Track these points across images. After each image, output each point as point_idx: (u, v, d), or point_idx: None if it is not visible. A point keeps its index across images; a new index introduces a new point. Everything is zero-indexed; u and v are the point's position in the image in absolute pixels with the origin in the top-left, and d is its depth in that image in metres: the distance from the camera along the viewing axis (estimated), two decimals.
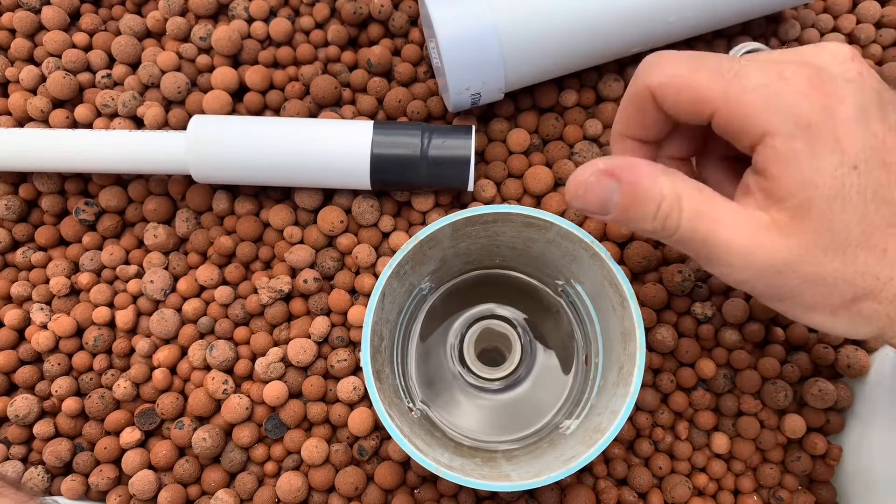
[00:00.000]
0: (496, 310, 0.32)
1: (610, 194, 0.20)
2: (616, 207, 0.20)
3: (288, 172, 0.32)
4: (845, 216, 0.19)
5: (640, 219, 0.20)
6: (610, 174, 0.20)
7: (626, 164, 0.20)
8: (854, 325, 0.21)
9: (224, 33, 0.35)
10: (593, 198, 0.20)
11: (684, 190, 0.20)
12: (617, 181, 0.20)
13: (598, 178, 0.20)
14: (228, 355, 0.32)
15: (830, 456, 0.32)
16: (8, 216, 0.34)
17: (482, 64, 0.30)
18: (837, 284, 0.20)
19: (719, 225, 0.20)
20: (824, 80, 0.19)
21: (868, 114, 0.19)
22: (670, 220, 0.20)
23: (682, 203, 0.20)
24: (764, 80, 0.19)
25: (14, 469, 0.32)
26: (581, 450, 0.25)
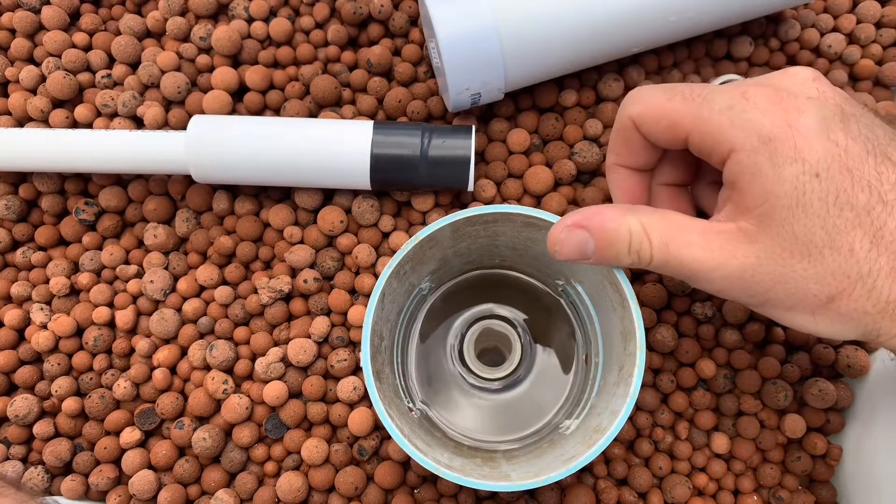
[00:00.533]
0: (496, 310, 0.32)
1: (584, 243, 0.23)
2: (592, 252, 0.23)
3: (288, 172, 0.32)
4: (808, 220, 0.20)
5: (616, 257, 0.22)
6: (578, 225, 0.23)
7: (591, 212, 0.23)
8: (835, 324, 0.22)
9: (224, 33, 0.35)
10: (570, 249, 0.23)
11: (650, 223, 0.22)
12: (587, 230, 0.22)
13: (569, 232, 0.23)
14: (228, 355, 0.32)
15: (830, 456, 0.32)
16: (8, 216, 0.34)
17: (482, 64, 0.30)
18: (809, 284, 0.21)
19: (689, 246, 0.21)
20: (784, 98, 0.21)
21: (829, 125, 0.21)
22: (643, 253, 0.22)
23: (650, 236, 0.22)
24: (728, 102, 0.21)
25: (14, 469, 0.32)
26: (581, 450, 0.25)
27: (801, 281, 0.21)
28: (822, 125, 0.20)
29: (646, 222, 0.22)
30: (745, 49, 0.35)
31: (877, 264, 0.20)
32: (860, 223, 0.20)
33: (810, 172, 0.20)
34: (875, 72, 0.36)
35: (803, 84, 0.22)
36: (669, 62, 0.36)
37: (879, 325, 0.21)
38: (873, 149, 0.21)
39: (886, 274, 0.20)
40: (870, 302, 0.21)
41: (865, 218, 0.20)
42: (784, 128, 0.20)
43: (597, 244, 0.22)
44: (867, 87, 0.36)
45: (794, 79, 0.22)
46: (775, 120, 0.21)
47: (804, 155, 0.20)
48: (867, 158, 0.20)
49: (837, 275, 0.21)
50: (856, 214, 0.20)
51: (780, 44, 0.36)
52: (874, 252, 0.20)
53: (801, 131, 0.20)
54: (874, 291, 0.21)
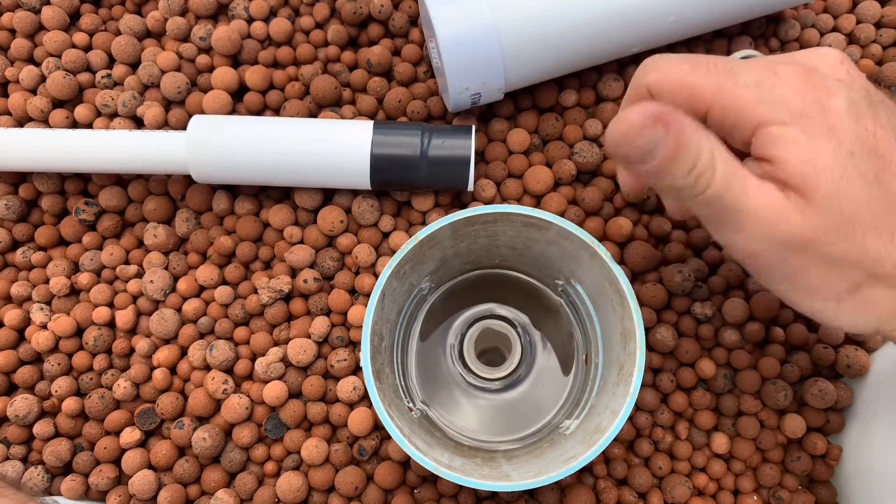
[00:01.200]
0: (496, 310, 0.32)
1: (657, 142, 0.19)
2: (659, 157, 0.19)
3: (288, 172, 0.32)
4: (853, 196, 0.19)
5: (676, 173, 0.19)
6: (661, 120, 0.19)
7: (671, 111, 0.19)
8: (857, 313, 0.21)
9: (224, 33, 0.35)
10: (641, 143, 0.19)
11: (719, 150, 0.20)
12: (665, 129, 0.19)
13: (652, 123, 0.19)
14: (228, 355, 0.32)
15: (830, 456, 0.32)
16: (8, 216, 0.34)
17: (482, 64, 0.30)
18: (845, 267, 0.20)
19: (746, 192, 0.20)
20: (814, 77, 0.20)
21: (858, 110, 0.20)
22: (703, 179, 0.19)
23: (716, 163, 0.19)
24: (757, 77, 0.20)
25: (14, 469, 0.32)
26: (581, 450, 0.25)
27: (839, 262, 0.20)
28: (851, 109, 0.20)
29: (716, 148, 0.20)
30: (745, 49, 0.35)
31: None
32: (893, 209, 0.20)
33: (846, 150, 0.19)
34: (875, 72, 0.36)
35: (832, 65, 0.21)
36: None
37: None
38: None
39: None
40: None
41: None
42: (815, 106, 0.19)
43: (669, 151, 0.19)
44: None
45: (824, 59, 0.21)
46: (806, 98, 0.20)
47: (838, 133, 0.19)
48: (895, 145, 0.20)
49: (875, 260, 0.20)
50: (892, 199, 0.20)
51: (780, 44, 0.36)
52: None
53: (833, 112, 0.19)
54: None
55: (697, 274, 0.33)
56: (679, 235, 0.33)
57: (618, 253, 0.33)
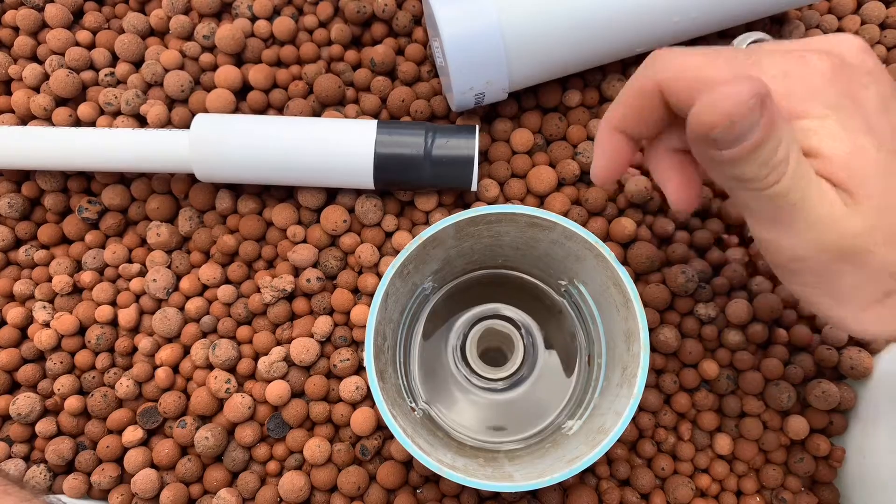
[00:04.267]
0: (499, 310, 0.32)
1: (753, 125, 0.17)
2: (748, 143, 0.17)
3: (291, 171, 0.32)
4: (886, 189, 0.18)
5: (755, 162, 0.18)
6: (763, 103, 0.17)
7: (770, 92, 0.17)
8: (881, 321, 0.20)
9: (227, 32, 0.35)
10: (744, 124, 0.17)
11: (795, 145, 0.18)
12: (762, 112, 0.17)
13: (757, 105, 0.17)
14: (231, 354, 0.32)
15: (833, 457, 0.32)
16: (11, 214, 0.34)
17: (486, 64, 0.30)
18: (882, 276, 0.19)
19: (815, 193, 0.18)
20: (846, 69, 0.19)
21: (888, 104, 0.19)
22: (776, 172, 0.18)
23: (790, 157, 0.18)
24: (785, 68, 0.19)
25: (16, 467, 0.32)
26: (584, 450, 0.25)
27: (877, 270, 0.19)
28: (881, 104, 0.19)
29: (793, 143, 0.18)
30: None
31: None
32: None
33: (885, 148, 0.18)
34: None
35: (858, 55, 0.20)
36: None
37: None
38: None
39: None
40: None
41: None
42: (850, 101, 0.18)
43: (758, 136, 0.17)
44: None
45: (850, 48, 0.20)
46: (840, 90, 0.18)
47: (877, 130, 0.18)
48: None
49: None
50: None
51: None
52: None
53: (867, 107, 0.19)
54: None
55: (701, 275, 0.33)
56: (682, 236, 0.33)
57: (621, 253, 0.33)
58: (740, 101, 0.16)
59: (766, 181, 0.18)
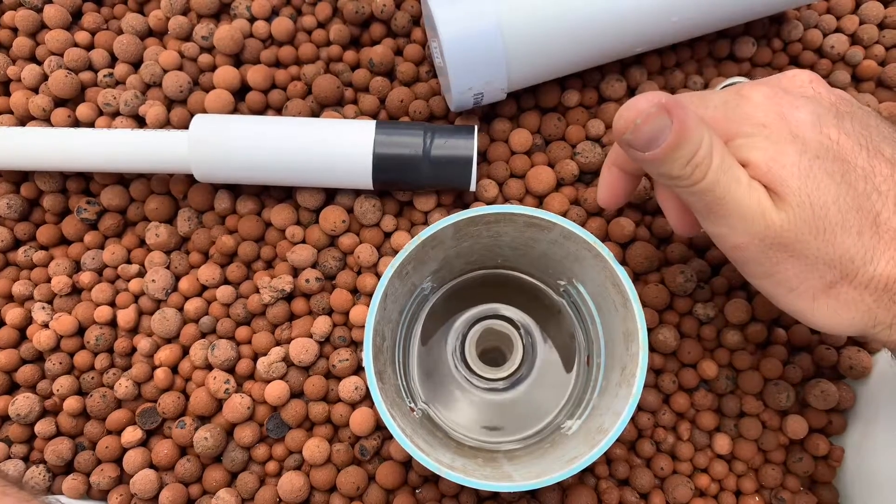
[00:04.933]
0: (498, 310, 0.32)
1: (662, 130, 0.20)
2: (663, 145, 0.20)
3: (290, 172, 0.32)
4: (820, 194, 0.21)
5: (676, 162, 0.21)
6: (668, 110, 0.20)
7: (679, 104, 0.20)
8: (833, 312, 0.22)
9: (226, 32, 0.35)
10: (647, 131, 0.20)
11: (717, 144, 0.21)
12: (670, 118, 0.20)
13: (658, 111, 0.20)
14: (230, 355, 0.32)
15: (832, 457, 0.32)
16: (10, 215, 0.34)
17: (485, 64, 0.30)
18: (818, 265, 0.21)
19: (738, 186, 0.21)
20: (780, 94, 0.22)
21: (822, 120, 0.21)
22: (700, 170, 0.21)
23: (713, 154, 0.21)
24: (723, 99, 0.22)
25: (15, 468, 0.32)
26: (583, 450, 0.25)
27: (812, 259, 0.21)
28: (814, 120, 0.21)
29: (714, 142, 0.21)
30: (747, 49, 0.35)
31: (877, 251, 0.21)
32: (861, 207, 0.21)
33: (811, 154, 0.21)
34: (878, 73, 0.36)
35: (801, 85, 0.23)
36: (672, 62, 0.36)
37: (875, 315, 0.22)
38: (866, 143, 0.21)
39: (886, 261, 0.21)
40: (868, 290, 0.21)
41: (865, 202, 0.21)
42: (777, 118, 0.21)
43: (672, 140, 0.20)
44: (870, 88, 0.36)
45: (793, 80, 0.23)
46: (768, 112, 0.21)
47: (802, 139, 0.21)
48: (860, 152, 0.21)
49: (845, 258, 0.21)
50: (857, 198, 0.21)
51: (783, 44, 0.36)
52: (875, 238, 0.21)
53: (794, 123, 0.21)
54: (874, 279, 0.21)
55: (699, 275, 0.33)
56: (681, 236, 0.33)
57: (620, 253, 0.33)
58: (641, 109, 0.20)
59: (692, 178, 0.21)
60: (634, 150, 0.21)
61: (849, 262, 0.21)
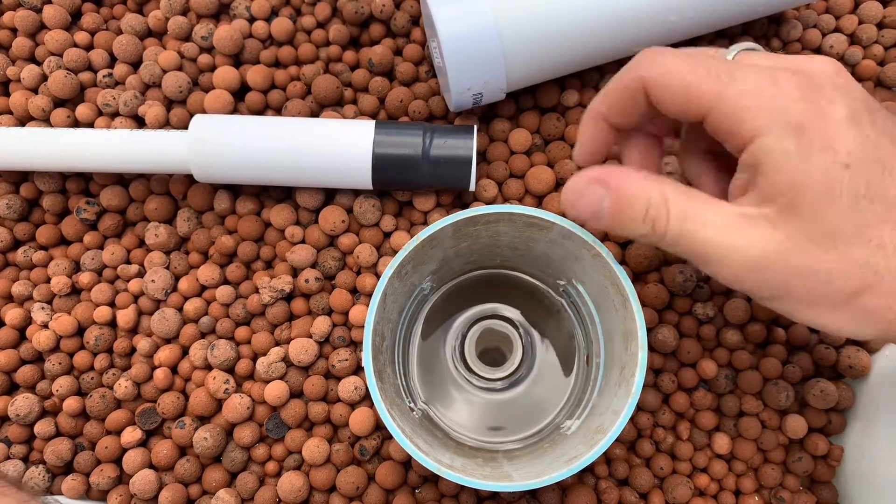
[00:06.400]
0: (497, 310, 0.32)
1: (600, 201, 0.21)
2: (606, 213, 0.21)
3: (289, 172, 0.32)
4: (836, 212, 0.20)
5: (629, 224, 0.21)
6: (599, 181, 0.21)
7: (614, 171, 0.21)
8: (856, 322, 0.21)
9: (226, 32, 0.35)
10: (585, 205, 0.22)
11: (671, 194, 0.21)
12: (606, 187, 0.21)
13: (587, 186, 0.22)
14: (229, 355, 0.32)
15: (832, 456, 0.32)
16: (9, 215, 0.34)
17: (484, 64, 0.30)
18: (833, 278, 0.20)
19: (708, 225, 0.20)
20: (815, 86, 0.20)
21: (859, 117, 0.20)
22: (658, 224, 0.21)
23: (668, 206, 0.21)
24: (757, 85, 0.20)
25: (15, 468, 0.32)
26: (582, 450, 0.25)
27: (825, 274, 0.20)
28: (851, 116, 0.20)
29: (667, 192, 0.21)
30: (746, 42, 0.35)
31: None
32: (890, 217, 0.20)
33: (841, 163, 0.19)
34: (877, 72, 0.36)
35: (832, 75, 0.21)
36: None
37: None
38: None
39: None
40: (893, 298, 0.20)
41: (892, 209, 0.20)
42: (815, 116, 0.20)
43: (612, 206, 0.21)
44: (869, 88, 0.36)
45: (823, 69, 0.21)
46: (805, 108, 0.20)
47: (835, 145, 0.19)
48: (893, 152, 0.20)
49: (865, 269, 0.20)
50: (885, 208, 0.20)
51: (782, 44, 0.36)
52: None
53: (832, 121, 0.20)
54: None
55: (699, 274, 0.33)
56: None
57: (619, 253, 0.33)
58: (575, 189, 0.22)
59: (654, 235, 0.21)
60: (587, 222, 0.22)
61: (870, 273, 0.20)
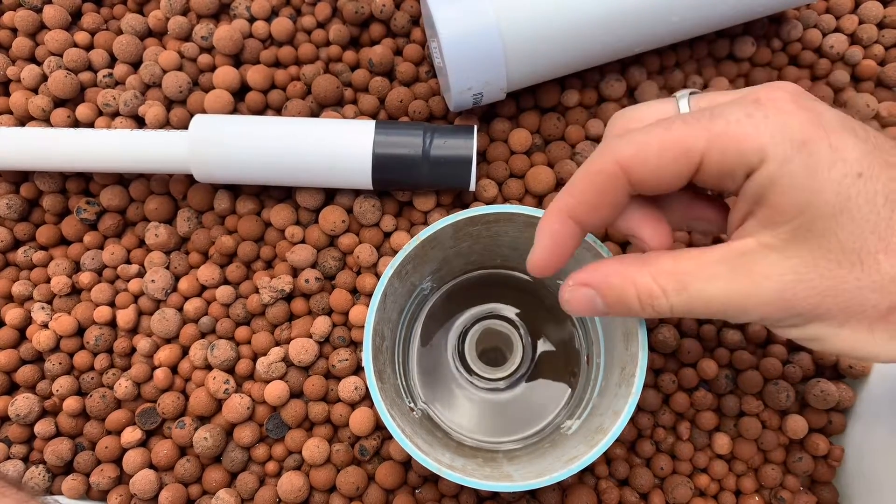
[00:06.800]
0: (497, 310, 0.32)
1: (592, 300, 0.22)
2: (604, 308, 0.21)
3: (289, 172, 0.32)
4: (855, 226, 0.18)
5: (631, 311, 0.21)
6: (582, 284, 0.22)
7: (593, 269, 0.22)
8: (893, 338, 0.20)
9: (226, 32, 0.35)
10: (580, 306, 0.22)
11: (660, 270, 0.20)
12: (591, 288, 0.21)
13: (574, 291, 0.22)
14: (230, 355, 0.32)
15: (832, 457, 0.32)
16: (9, 215, 0.34)
17: (484, 63, 0.30)
18: (865, 294, 0.19)
19: (712, 280, 0.20)
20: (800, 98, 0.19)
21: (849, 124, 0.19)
22: (658, 303, 0.20)
23: (662, 284, 0.20)
24: (744, 110, 0.19)
25: (15, 468, 0.32)
26: (583, 450, 0.25)
27: (855, 291, 0.19)
28: (843, 123, 0.19)
29: (655, 272, 0.20)
30: (747, 49, 0.35)
31: None
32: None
33: (853, 173, 0.18)
34: (877, 72, 0.36)
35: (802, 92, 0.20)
36: (672, 62, 0.36)
37: None
38: None
39: None
40: None
41: None
42: (815, 128, 0.18)
43: (605, 301, 0.21)
44: (869, 88, 0.36)
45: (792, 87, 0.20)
46: (803, 120, 0.18)
47: (843, 154, 0.18)
48: None
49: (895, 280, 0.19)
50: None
51: (783, 44, 0.36)
52: None
53: (832, 130, 0.18)
54: None
55: None
56: (682, 236, 0.33)
57: (619, 253, 0.33)
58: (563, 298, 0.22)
59: (662, 314, 0.21)
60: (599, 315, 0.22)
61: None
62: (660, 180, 0.20)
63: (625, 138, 0.20)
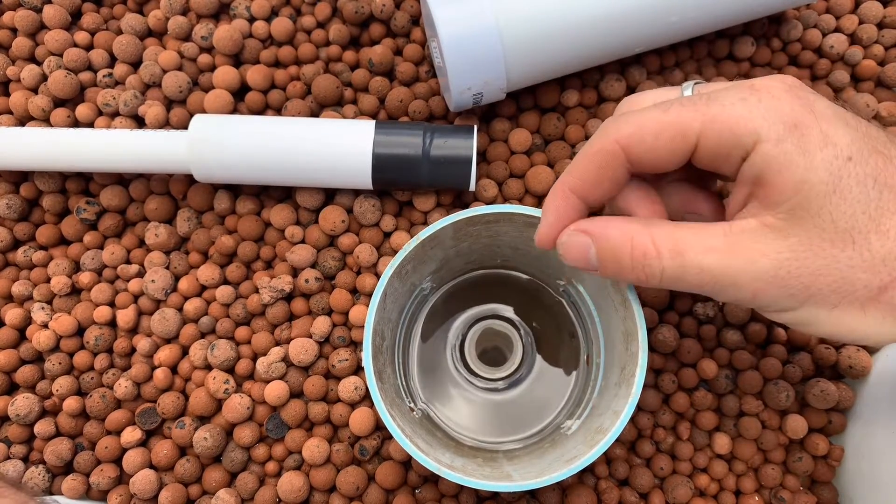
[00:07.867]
0: (497, 310, 0.32)
1: (586, 249, 0.22)
2: (596, 261, 0.22)
3: (289, 172, 0.32)
4: (847, 206, 0.19)
5: (621, 270, 0.21)
6: (582, 230, 0.22)
7: (599, 220, 0.22)
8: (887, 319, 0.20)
9: (225, 32, 0.35)
10: (575, 253, 0.22)
11: (660, 233, 0.20)
12: (590, 235, 0.21)
13: (572, 235, 0.22)
14: (229, 355, 0.32)
15: (832, 456, 0.32)
16: (9, 215, 0.34)
17: (484, 63, 0.30)
18: (857, 273, 0.19)
19: (709, 252, 0.20)
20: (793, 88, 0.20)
21: (841, 113, 0.20)
22: (651, 265, 0.20)
23: (659, 246, 0.20)
24: (739, 95, 0.20)
25: (15, 468, 0.32)
26: (583, 450, 0.25)
27: (847, 271, 0.19)
28: (835, 111, 0.20)
29: (654, 233, 0.20)
30: (747, 49, 0.35)
31: None
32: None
33: (843, 156, 0.19)
34: (877, 72, 0.36)
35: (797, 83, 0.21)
36: (671, 62, 0.36)
37: None
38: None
39: None
40: None
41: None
42: (806, 112, 0.19)
43: (598, 253, 0.21)
44: (869, 88, 0.36)
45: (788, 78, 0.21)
46: (795, 105, 0.19)
47: (833, 139, 0.19)
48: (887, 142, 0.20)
49: (888, 260, 0.19)
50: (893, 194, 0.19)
51: (783, 44, 0.36)
52: None
53: (823, 116, 0.19)
54: None
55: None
56: None
57: None
58: (560, 241, 0.22)
59: (653, 278, 0.21)
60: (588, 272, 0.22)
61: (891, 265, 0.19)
62: (657, 159, 0.21)
63: (623, 118, 0.21)
